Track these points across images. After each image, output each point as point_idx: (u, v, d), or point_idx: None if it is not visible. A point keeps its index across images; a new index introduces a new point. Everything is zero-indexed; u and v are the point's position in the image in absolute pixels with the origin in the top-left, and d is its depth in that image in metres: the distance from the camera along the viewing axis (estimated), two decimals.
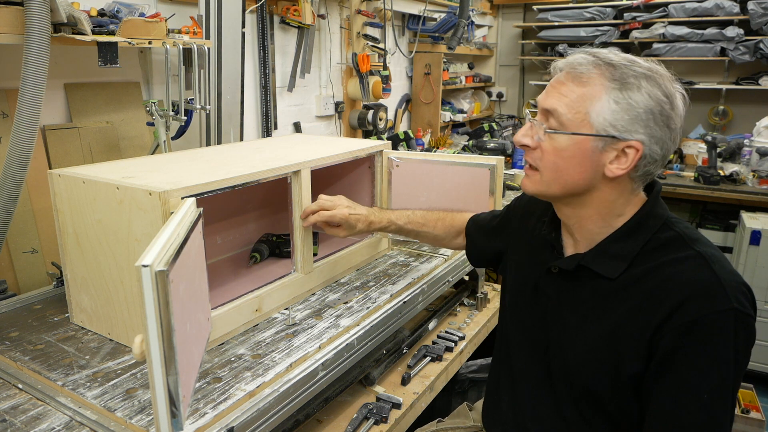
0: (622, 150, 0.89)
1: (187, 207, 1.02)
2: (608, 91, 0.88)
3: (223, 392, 1.06)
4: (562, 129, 0.91)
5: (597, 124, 0.89)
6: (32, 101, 1.30)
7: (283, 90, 2.70)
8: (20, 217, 1.62)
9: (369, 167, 1.77)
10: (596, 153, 0.90)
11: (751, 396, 2.61)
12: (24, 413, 1.03)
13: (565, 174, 0.93)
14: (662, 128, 0.89)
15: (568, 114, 0.90)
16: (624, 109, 0.87)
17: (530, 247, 1.14)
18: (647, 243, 0.93)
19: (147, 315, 0.77)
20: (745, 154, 3.35)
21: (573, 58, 0.93)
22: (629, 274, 0.93)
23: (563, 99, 0.91)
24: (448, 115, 4.05)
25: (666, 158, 0.92)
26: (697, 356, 0.84)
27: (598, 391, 0.96)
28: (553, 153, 0.93)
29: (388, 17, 3.25)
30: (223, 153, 1.53)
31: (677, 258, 0.90)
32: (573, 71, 0.91)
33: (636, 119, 0.87)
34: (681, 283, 0.86)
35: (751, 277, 2.87)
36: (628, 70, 0.88)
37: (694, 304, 0.84)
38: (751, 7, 3.54)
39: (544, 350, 1.06)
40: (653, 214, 0.95)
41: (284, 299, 1.42)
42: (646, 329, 0.88)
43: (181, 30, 1.84)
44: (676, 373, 0.86)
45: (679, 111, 0.90)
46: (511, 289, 1.18)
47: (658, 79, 0.89)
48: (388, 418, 1.35)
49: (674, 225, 0.94)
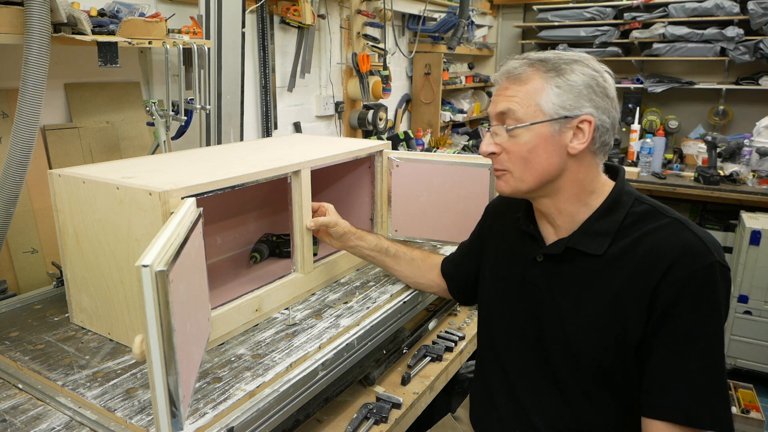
0: (576, 127, 0.99)
1: (187, 207, 1.02)
2: (548, 81, 0.98)
3: (223, 392, 1.06)
4: (520, 124, 1.00)
5: (548, 109, 0.98)
6: (32, 101, 1.30)
7: (283, 90, 2.70)
8: (20, 217, 1.62)
9: (369, 167, 1.77)
10: (555, 136, 0.99)
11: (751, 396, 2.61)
12: (24, 413, 1.03)
13: (535, 164, 1.01)
14: (603, 98, 0.99)
15: (521, 110, 1.00)
16: (566, 91, 0.98)
17: (507, 245, 1.18)
18: (625, 218, 1.01)
19: (147, 315, 0.77)
20: (745, 154, 3.35)
21: (507, 65, 1.04)
22: (615, 248, 1.00)
23: (513, 99, 1.01)
24: (448, 115, 4.05)
25: (615, 126, 1.02)
26: (694, 307, 0.92)
27: (602, 366, 0.99)
28: (518, 149, 1.02)
29: (388, 17, 3.25)
30: (223, 153, 1.53)
31: (657, 226, 0.98)
32: (511, 75, 1.02)
33: (579, 96, 0.98)
34: (669, 246, 0.95)
35: (751, 277, 2.87)
36: (558, 60, 1.00)
37: (685, 261, 0.93)
38: (751, 7, 3.54)
39: (538, 342, 1.09)
40: (625, 191, 1.04)
41: (284, 299, 1.42)
42: (645, 292, 0.95)
43: (181, 30, 1.84)
44: (675, 324, 0.93)
45: (610, 82, 1.01)
46: (490, 294, 1.21)
47: (584, 60, 1.01)
48: (388, 418, 1.35)
49: (645, 200, 1.04)
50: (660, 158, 3.57)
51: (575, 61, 0.99)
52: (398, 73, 3.74)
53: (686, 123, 4.18)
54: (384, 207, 1.78)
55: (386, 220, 1.79)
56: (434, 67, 3.75)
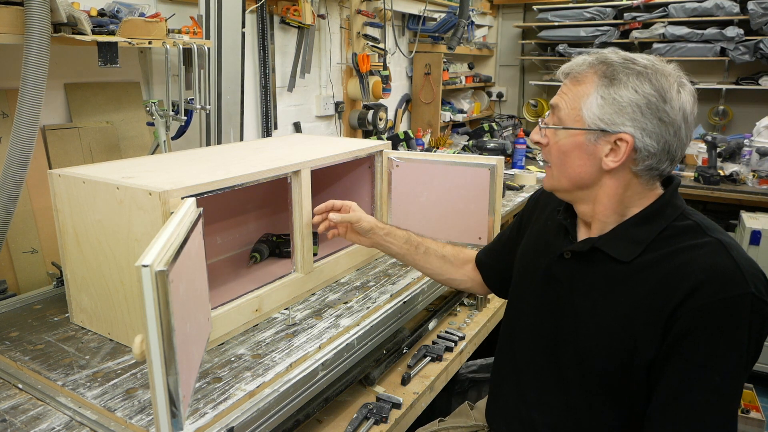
0: (614, 143, 0.93)
1: (187, 207, 1.02)
2: (597, 88, 0.93)
3: (223, 392, 1.06)
4: (560, 124, 0.98)
5: (587, 118, 0.94)
6: (32, 101, 1.30)
7: (283, 90, 2.70)
8: (20, 217, 1.62)
9: (369, 167, 1.77)
10: (590, 146, 0.95)
11: (751, 396, 2.61)
12: (24, 413, 1.03)
13: (568, 168, 0.99)
14: (652, 121, 0.91)
15: (565, 110, 0.98)
16: (609, 104, 0.92)
17: (542, 236, 1.15)
18: (664, 230, 0.95)
19: (147, 315, 0.77)
20: (745, 154, 3.35)
21: (575, 60, 1.00)
22: (644, 259, 0.95)
23: (564, 97, 0.99)
24: (448, 115, 4.05)
25: (670, 153, 0.93)
26: (712, 338, 0.85)
27: (608, 375, 0.97)
28: (557, 148, 1.00)
29: (388, 17, 3.25)
30: (223, 153, 1.53)
31: (694, 244, 0.91)
32: (571, 72, 0.99)
33: (621, 112, 0.91)
34: (698, 267, 0.88)
35: None
36: (622, 68, 0.92)
37: (711, 287, 0.85)
38: (751, 7, 3.54)
39: (551, 338, 1.06)
40: (671, 204, 0.97)
41: (284, 299, 1.42)
42: (662, 313, 0.89)
43: (181, 30, 1.84)
44: (689, 353, 0.87)
45: (674, 104, 0.91)
46: (517, 284, 1.19)
47: (652, 75, 0.91)
48: (388, 418, 1.35)
49: (691, 215, 0.97)
50: None
51: (638, 74, 0.91)
52: (398, 73, 3.74)
53: None
54: (384, 207, 1.78)
55: (386, 220, 1.79)
56: (434, 67, 3.75)
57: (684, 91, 0.92)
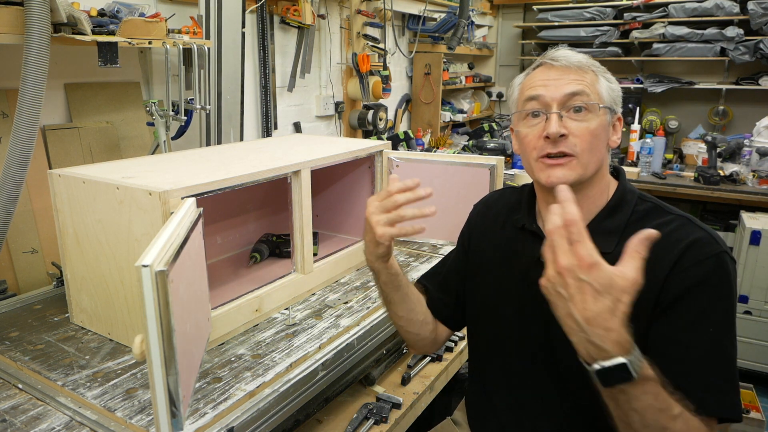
0: (615, 123, 1.05)
1: (187, 207, 1.02)
2: (600, 75, 1.03)
3: (223, 392, 1.06)
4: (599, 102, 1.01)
5: (607, 99, 1.02)
6: (32, 101, 1.30)
7: (283, 90, 2.70)
8: (20, 217, 1.62)
9: (369, 167, 1.77)
10: (608, 126, 1.03)
11: (751, 396, 2.61)
12: (24, 413, 1.03)
13: (597, 150, 1.01)
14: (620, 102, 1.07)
15: (592, 94, 1.01)
16: (612, 89, 1.04)
17: (505, 247, 1.15)
18: (631, 215, 1.03)
19: (147, 315, 0.77)
20: (745, 154, 3.35)
21: (563, 52, 1.04)
22: (622, 246, 0.97)
23: (582, 82, 1.01)
24: (448, 115, 4.05)
25: None
26: (702, 294, 0.92)
27: None
28: (588, 133, 1.00)
29: (388, 17, 3.25)
30: (223, 153, 1.53)
31: (663, 222, 0.99)
32: (571, 63, 1.02)
33: (618, 96, 1.05)
34: (676, 239, 0.96)
35: (751, 277, 2.87)
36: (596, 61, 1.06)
37: (692, 252, 0.93)
38: (751, 7, 3.54)
39: (544, 344, 1.05)
40: (629, 190, 1.07)
41: (284, 299, 1.42)
42: (654, 287, 0.93)
43: (181, 30, 1.84)
44: (681, 314, 0.92)
45: None
46: (486, 300, 1.17)
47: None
48: (388, 418, 1.35)
49: (647, 198, 1.06)
50: (660, 158, 3.57)
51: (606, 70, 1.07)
52: (398, 73, 3.74)
53: (686, 123, 4.18)
54: None
55: None
56: (434, 67, 3.75)
57: None
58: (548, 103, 1.00)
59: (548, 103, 1.00)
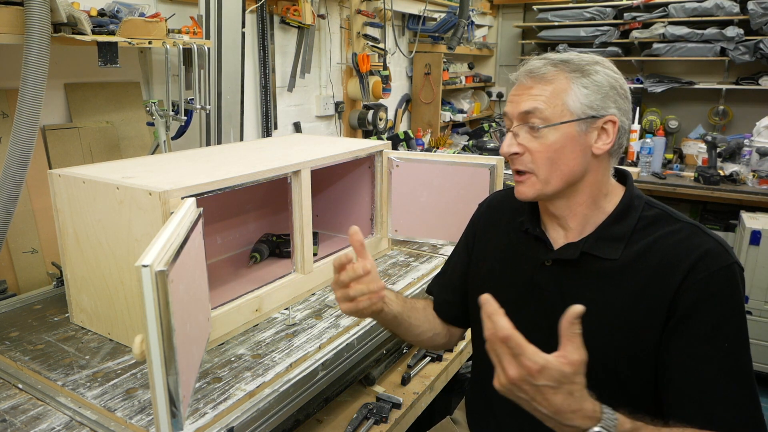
0: (601, 127, 0.99)
1: (187, 207, 1.02)
2: (574, 81, 0.98)
3: (223, 392, 1.06)
4: (547, 123, 0.98)
5: (576, 109, 0.97)
6: (32, 101, 1.30)
7: (283, 90, 2.70)
8: (20, 217, 1.62)
9: (369, 167, 1.77)
10: (582, 136, 0.98)
11: None
12: (24, 413, 1.03)
13: (562, 165, 0.99)
14: (624, 100, 1.00)
15: (548, 109, 0.98)
16: (594, 91, 0.97)
17: (510, 249, 1.14)
18: (638, 222, 1.00)
19: (147, 315, 0.77)
20: (745, 154, 3.35)
21: (530, 65, 1.01)
22: (629, 252, 0.99)
23: (538, 98, 0.98)
24: (448, 115, 4.05)
25: (630, 129, 1.03)
26: (715, 308, 0.91)
27: (614, 372, 0.98)
28: (545, 149, 0.99)
29: (388, 17, 3.25)
30: (223, 153, 1.53)
31: (672, 230, 0.98)
32: (535, 75, 1.00)
33: (606, 96, 0.98)
34: (687, 248, 0.94)
35: (751, 277, 2.87)
36: (580, 61, 0.99)
37: (705, 263, 0.92)
38: (751, 7, 3.54)
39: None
40: (636, 196, 1.04)
41: (284, 299, 1.42)
42: (665, 296, 0.93)
43: (181, 30, 1.84)
44: (696, 327, 0.91)
45: (623, 82, 1.01)
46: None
47: (603, 62, 1.01)
48: (388, 418, 1.35)
49: (654, 204, 1.04)
50: (660, 158, 3.57)
51: (596, 62, 0.99)
52: (398, 73, 3.74)
53: (686, 123, 4.18)
54: (384, 207, 1.78)
55: (386, 220, 1.79)
56: (434, 67, 3.75)
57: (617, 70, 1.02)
58: (511, 120, 1.03)
59: (511, 120, 1.03)
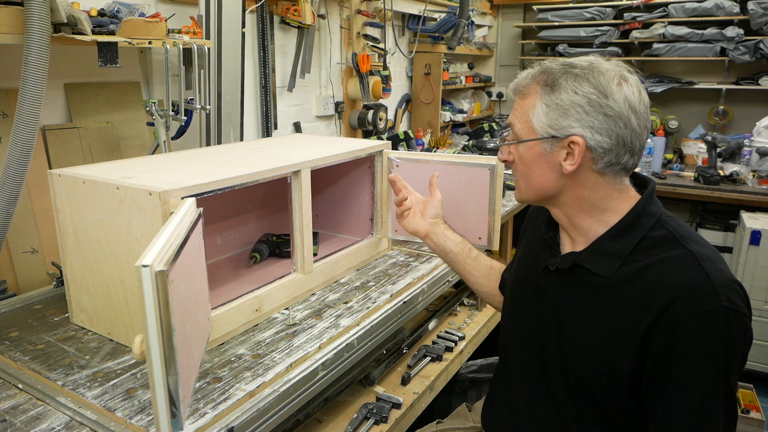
0: (568, 146, 0.94)
1: (187, 207, 1.02)
2: (541, 97, 0.95)
3: (223, 392, 1.06)
4: (515, 139, 1.02)
5: (538, 128, 0.97)
6: (32, 101, 1.30)
7: (283, 90, 2.70)
8: (20, 217, 1.62)
9: (369, 167, 1.77)
10: (547, 154, 0.97)
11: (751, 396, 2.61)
12: (24, 413, 1.03)
13: (532, 179, 1.01)
14: (598, 117, 0.91)
15: (518, 125, 1.01)
16: (552, 110, 0.94)
17: (532, 249, 1.17)
18: (640, 241, 0.95)
19: (147, 315, 0.77)
20: (745, 154, 3.35)
21: (520, 76, 1.02)
22: (622, 272, 0.95)
23: (515, 113, 1.02)
24: (448, 115, 4.05)
25: (626, 145, 0.93)
26: (687, 357, 0.86)
27: (593, 388, 0.97)
28: (520, 163, 1.03)
29: (388, 17, 3.25)
30: (223, 153, 1.53)
31: (669, 257, 0.91)
32: (517, 88, 1.01)
33: (565, 115, 0.93)
34: (670, 284, 0.88)
35: (751, 277, 2.87)
36: (561, 74, 0.94)
37: (683, 303, 0.86)
38: (751, 7, 3.54)
39: (539, 350, 1.08)
40: (647, 212, 0.97)
41: (284, 299, 1.42)
42: (637, 332, 0.90)
43: (181, 30, 1.84)
44: (667, 375, 0.88)
45: (617, 98, 0.91)
46: (510, 296, 1.20)
47: (589, 75, 0.93)
48: (388, 418, 1.35)
49: (667, 223, 0.96)
50: (660, 158, 3.57)
51: (577, 76, 0.93)
52: (398, 73, 3.74)
53: (686, 123, 4.18)
54: (384, 207, 1.78)
55: (386, 220, 1.79)
56: (434, 67, 3.75)
57: (627, 84, 0.93)
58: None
59: None
